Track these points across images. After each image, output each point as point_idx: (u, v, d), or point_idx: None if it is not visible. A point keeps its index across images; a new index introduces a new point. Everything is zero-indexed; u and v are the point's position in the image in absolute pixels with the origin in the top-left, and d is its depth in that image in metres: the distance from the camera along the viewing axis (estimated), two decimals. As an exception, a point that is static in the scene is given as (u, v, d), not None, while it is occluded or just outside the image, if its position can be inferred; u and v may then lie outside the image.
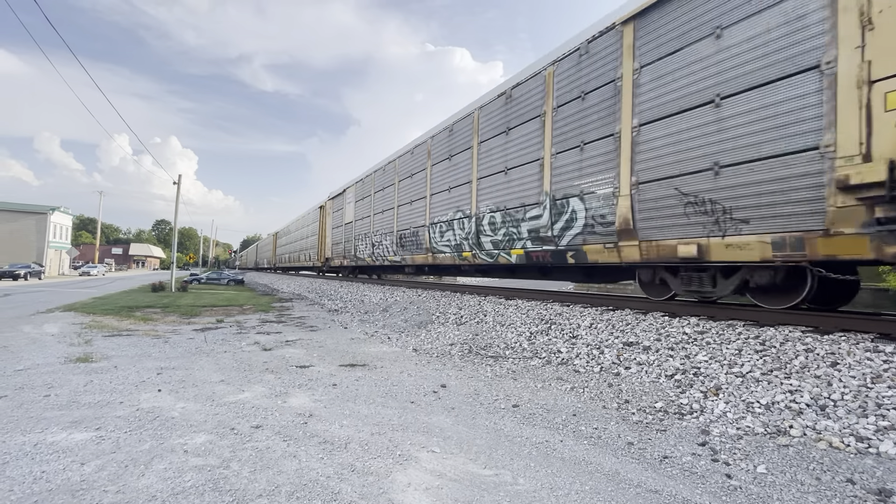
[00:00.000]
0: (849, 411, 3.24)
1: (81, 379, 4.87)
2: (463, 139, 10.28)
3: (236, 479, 2.64)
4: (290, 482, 2.61)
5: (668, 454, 3.09)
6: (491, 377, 5.23)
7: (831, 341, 4.13)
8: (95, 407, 3.94)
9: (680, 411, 3.78)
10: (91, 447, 3.06)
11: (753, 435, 3.25)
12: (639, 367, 4.77)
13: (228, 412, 3.87)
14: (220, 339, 7.82)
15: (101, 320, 9.99)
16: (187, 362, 5.87)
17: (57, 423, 3.50)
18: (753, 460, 2.92)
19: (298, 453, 3.03)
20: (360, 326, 9.72)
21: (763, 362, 4.10)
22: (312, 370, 5.54)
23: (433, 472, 2.81)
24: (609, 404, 4.12)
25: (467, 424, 3.71)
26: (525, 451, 3.18)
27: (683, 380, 4.27)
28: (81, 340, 7.34)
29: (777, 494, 2.54)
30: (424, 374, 5.44)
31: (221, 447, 3.10)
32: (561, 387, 4.71)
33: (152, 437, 3.25)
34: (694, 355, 4.60)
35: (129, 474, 2.67)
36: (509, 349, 6.33)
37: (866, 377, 3.49)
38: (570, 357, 5.53)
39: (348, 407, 4.10)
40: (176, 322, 10.23)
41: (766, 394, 3.66)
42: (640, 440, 3.34)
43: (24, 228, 44.58)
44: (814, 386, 3.58)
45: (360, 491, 2.53)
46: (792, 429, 3.20)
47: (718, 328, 5.04)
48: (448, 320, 8.55)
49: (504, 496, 2.52)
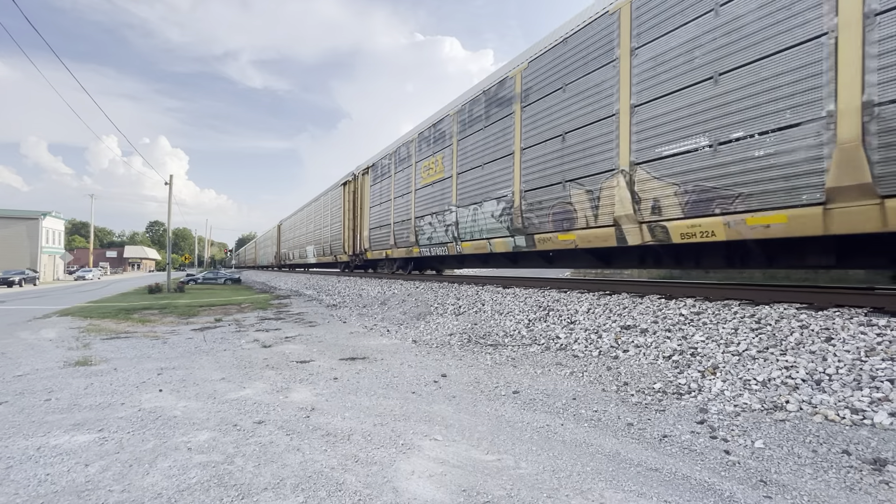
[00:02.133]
0: (844, 385, 3.29)
1: (82, 382, 4.86)
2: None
3: (241, 473, 2.66)
4: (295, 475, 2.64)
5: (668, 433, 3.13)
6: (491, 365, 5.26)
7: (826, 317, 4.18)
8: (97, 409, 3.94)
9: (678, 391, 3.82)
10: (94, 448, 3.07)
11: (751, 411, 3.29)
12: (637, 350, 4.82)
13: (230, 409, 3.88)
14: (220, 338, 7.82)
15: (98, 324, 9.96)
16: (187, 362, 5.87)
17: (59, 427, 3.50)
18: (751, 436, 2.96)
19: (302, 446, 3.05)
20: (359, 320, 9.74)
21: (759, 340, 4.15)
22: (313, 365, 5.56)
23: (436, 459, 2.84)
24: (608, 387, 4.16)
25: (469, 412, 3.74)
26: (526, 435, 3.21)
27: (681, 360, 4.32)
28: (80, 344, 7.32)
29: (775, 468, 2.59)
30: (425, 364, 5.47)
31: (225, 443, 3.12)
32: (560, 372, 4.75)
33: (155, 437, 3.26)
34: (691, 336, 4.64)
35: (134, 473, 2.68)
36: (508, 337, 6.36)
37: (860, 351, 3.54)
38: (568, 342, 5.57)
39: (350, 399, 4.12)
40: (174, 323, 10.22)
41: (763, 371, 3.70)
42: (640, 421, 3.38)
43: (15, 235, 44.13)
44: (809, 361, 3.63)
45: (364, 480, 2.56)
46: (788, 404, 3.25)
47: (714, 308, 5.09)
48: (446, 311, 8.57)
49: (507, 480, 2.55)
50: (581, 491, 2.42)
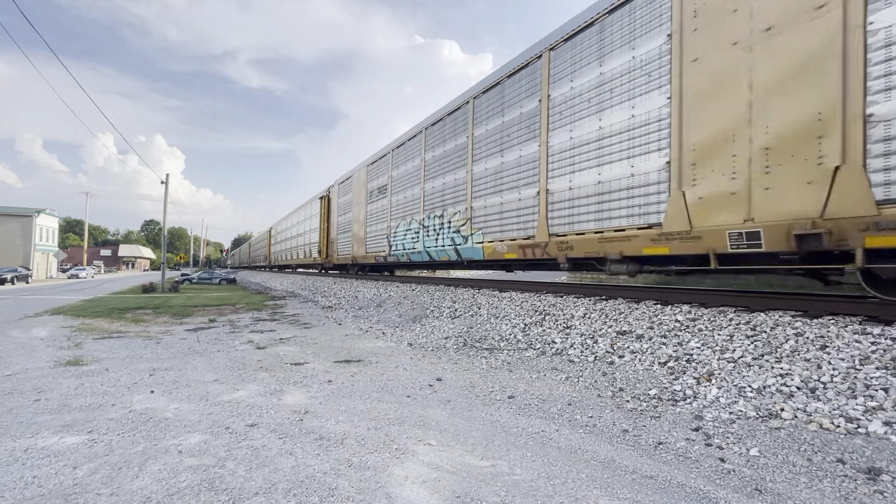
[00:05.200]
0: (838, 393, 3.29)
1: (72, 382, 4.80)
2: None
3: (232, 478, 2.62)
4: (287, 479, 2.60)
5: (663, 440, 3.12)
6: (486, 369, 5.24)
7: (820, 325, 4.19)
8: (87, 410, 3.89)
9: (673, 398, 3.81)
10: (83, 450, 3.02)
11: (746, 419, 3.29)
12: (632, 356, 4.81)
13: (223, 411, 3.84)
14: (213, 339, 7.76)
15: (91, 323, 9.86)
16: (180, 363, 5.81)
17: (48, 428, 3.45)
18: (746, 444, 2.96)
19: (294, 450, 3.01)
20: (355, 322, 9.69)
21: (754, 347, 4.15)
22: (307, 367, 5.52)
23: (430, 464, 2.81)
24: (604, 393, 4.15)
25: (463, 417, 3.71)
26: (521, 441, 3.19)
27: (676, 367, 4.31)
28: (71, 344, 7.24)
29: (770, 476, 2.58)
30: (420, 368, 5.44)
31: (216, 447, 3.08)
32: (556, 377, 4.73)
33: (146, 439, 3.22)
34: (686, 342, 4.64)
35: (123, 476, 2.64)
36: (504, 341, 6.35)
37: (855, 359, 3.55)
38: (564, 347, 5.56)
39: (344, 403, 4.09)
40: (168, 323, 10.13)
41: (758, 378, 3.70)
42: (635, 427, 3.37)
43: (9, 232, 43.74)
44: (804, 369, 3.63)
45: (357, 486, 2.53)
46: (783, 412, 3.25)
47: (710, 315, 5.09)
48: (442, 314, 8.55)
49: (501, 486, 2.53)
50: (576, 498, 2.40)
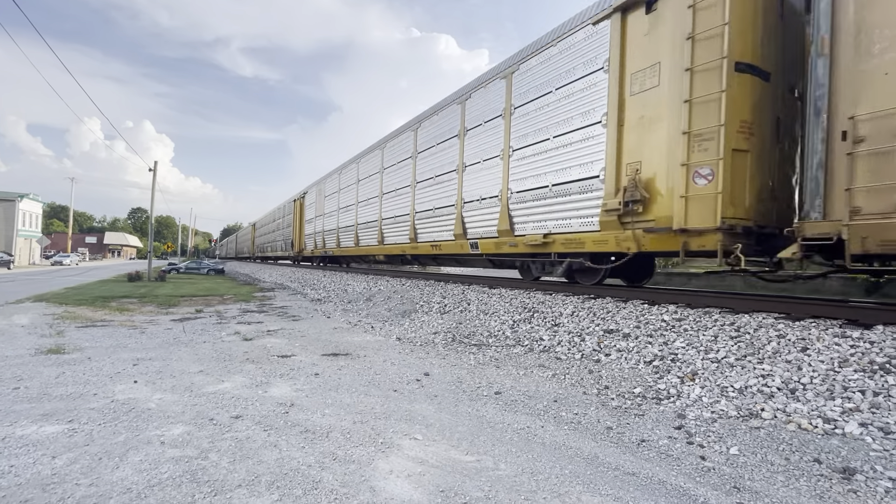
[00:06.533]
0: (817, 394, 3.36)
1: (53, 371, 4.72)
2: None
3: (215, 469, 2.60)
4: (271, 472, 2.59)
5: (646, 438, 3.17)
6: (474, 365, 5.26)
7: (802, 327, 4.27)
8: (68, 399, 3.82)
9: (658, 396, 3.87)
10: (63, 440, 2.97)
11: (727, 418, 3.35)
12: (619, 354, 4.86)
13: (207, 403, 3.80)
14: (200, 330, 7.68)
15: (74, 311, 9.69)
16: (165, 353, 5.74)
17: (27, 416, 3.39)
18: (727, 442, 3.01)
19: (279, 443, 3.00)
20: (344, 316, 9.66)
21: (737, 348, 4.22)
22: (294, 360, 5.49)
23: (415, 459, 2.82)
24: (589, 390, 4.19)
25: (450, 412, 3.73)
26: (507, 437, 3.21)
27: (661, 366, 4.37)
28: (53, 332, 7.12)
29: (748, 475, 2.63)
30: (408, 362, 5.44)
31: (200, 438, 3.05)
32: (543, 374, 4.77)
33: (127, 429, 3.18)
34: (672, 342, 4.70)
35: (103, 467, 2.60)
36: (492, 337, 6.37)
37: (834, 361, 3.62)
38: (552, 345, 5.60)
39: (330, 396, 4.08)
40: (153, 312, 10.00)
41: (740, 378, 3.77)
42: (619, 425, 3.41)
43: (-10, 216, 42.72)
44: (785, 370, 3.70)
45: (341, 479, 2.53)
46: (763, 412, 3.31)
47: (696, 315, 5.16)
48: (432, 309, 8.55)
49: (485, 481, 2.54)
50: (559, 494, 2.42)
